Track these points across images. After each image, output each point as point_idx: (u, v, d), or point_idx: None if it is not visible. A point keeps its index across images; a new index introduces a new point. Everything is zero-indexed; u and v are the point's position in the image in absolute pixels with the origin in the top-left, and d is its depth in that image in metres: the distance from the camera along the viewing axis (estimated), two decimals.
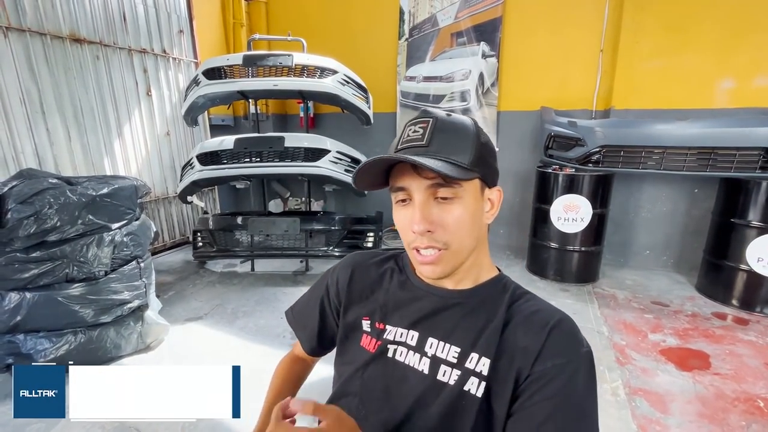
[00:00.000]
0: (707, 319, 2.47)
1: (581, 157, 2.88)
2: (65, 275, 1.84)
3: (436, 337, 0.62)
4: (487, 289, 0.64)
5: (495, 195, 0.63)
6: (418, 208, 0.56)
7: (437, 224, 0.56)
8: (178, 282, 3.05)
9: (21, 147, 2.62)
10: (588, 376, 0.54)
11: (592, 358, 0.56)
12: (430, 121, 0.57)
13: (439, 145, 0.56)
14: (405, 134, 0.59)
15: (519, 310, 0.60)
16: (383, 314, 0.68)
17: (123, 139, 3.30)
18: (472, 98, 3.67)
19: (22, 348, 1.82)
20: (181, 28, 3.74)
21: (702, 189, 3.02)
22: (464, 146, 0.57)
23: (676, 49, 2.89)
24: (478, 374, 0.57)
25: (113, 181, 2.04)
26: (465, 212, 0.57)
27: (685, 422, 1.61)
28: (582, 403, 0.53)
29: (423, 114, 0.59)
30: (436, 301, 0.64)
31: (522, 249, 3.53)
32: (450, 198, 0.56)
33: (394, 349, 0.65)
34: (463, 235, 0.58)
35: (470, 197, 0.57)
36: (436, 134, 0.56)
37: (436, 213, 0.56)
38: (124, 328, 2.02)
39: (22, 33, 2.58)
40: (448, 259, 0.58)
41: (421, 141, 0.56)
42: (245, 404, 1.75)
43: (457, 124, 0.59)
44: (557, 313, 0.59)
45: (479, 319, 0.60)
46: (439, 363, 0.60)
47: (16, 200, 1.72)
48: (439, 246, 0.57)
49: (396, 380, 0.63)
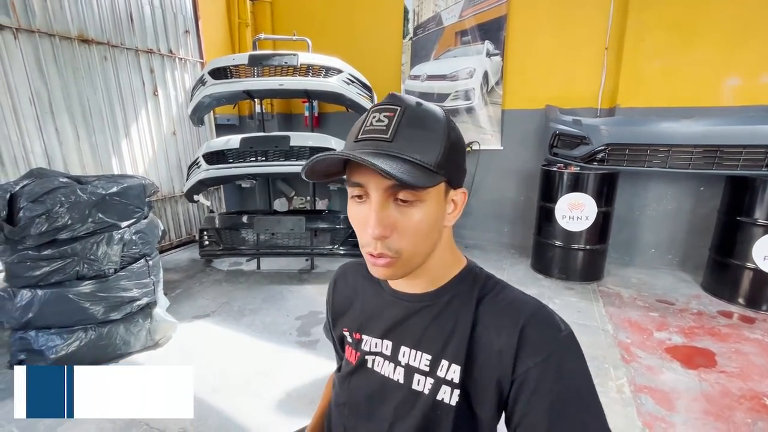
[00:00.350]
0: (713, 317, 2.46)
1: (586, 156, 2.88)
2: (76, 273, 1.87)
3: (408, 345, 0.60)
4: (453, 287, 0.60)
5: (459, 197, 0.57)
6: (375, 211, 0.50)
7: (394, 229, 0.51)
8: (186, 280, 3.08)
9: (31, 146, 2.66)
10: (575, 361, 0.52)
11: (574, 340, 0.53)
12: (397, 110, 0.50)
13: (405, 141, 0.49)
14: (368, 121, 0.52)
15: (487, 308, 0.57)
16: (359, 324, 0.67)
17: (130, 138, 3.34)
18: (477, 97, 3.67)
19: (34, 344, 1.85)
20: (187, 28, 3.77)
21: (708, 187, 3.01)
22: (432, 144, 0.50)
23: (681, 47, 2.87)
24: (449, 382, 0.56)
25: (122, 180, 2.07)
26: (425, 218, 0.51)
27: (690, 419, 1.61)
28: (579, 391, 0.50)
29: (390, 100, 0.52)
30: (405, 306, 0.62)
31: (526, 247, 3.54)
32: (411, 201, 0.50)
33: (372, 360, 0.64)
34: (419, 241, 0.53)
35: (433, 201, 0.52)
36: (402, 129, 0.49)
37: (393, 216, 0.51)
38: (133, 325, 2.05)
39: (31, 34, 2.62)
40: (400, 266, 0.53)
41: (384, 135, 0.49)
42: (255, 401, 1.77)
43: (428, 117, 0.52)
44: (527, 306, 0.56)
45: (447, 323, 0.58)
46: (413, 372, 0.59)
47: (27, 199, 1.75)
48: (391, 254, 0.52)
49: (376, 391, 0.63)
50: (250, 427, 1.58)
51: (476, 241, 4.01)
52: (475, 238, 4.04)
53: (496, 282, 0.61)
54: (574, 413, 0.49)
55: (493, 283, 0.60)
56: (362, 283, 0.70)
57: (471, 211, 4.00)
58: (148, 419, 1.61)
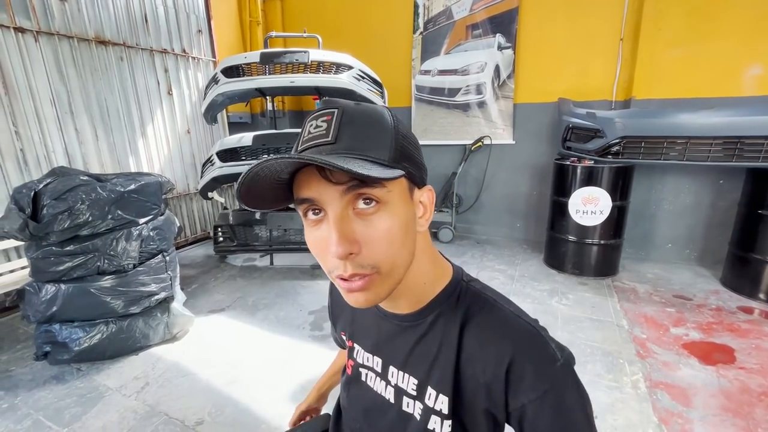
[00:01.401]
0: (732, 313, 2.41)
1: (600, 149, 2.83)
2: (97, 268, 1.93)
3: (396, 366, 0.58)
4: (438, 305, 0.54)
5: (426, 196, 0.51)
6: (334, 226, 0.43)
7: (361, 243, 0.44)
8: (201, 275, 3.14)
9: (52, 146, 2.74)
10: (574, 394, 0.48)
11: (570, 370, 0.49)
12: (334, 112, 0.45)
13: (350, 139, 0.44)
14: (306, 131, 0.47)
15: (472, 333, 0.52)
16: (351, 332, 0.66)
17: (146, 137, 3.41)
18: (488, 91, 3.64)
19: (58, 337, 1.92)
20: (200, 27, 3.82)
21: (728, 180, 2.93)
22: (381, 139, 0.45)
23: (700, 36, 2.79)
24: (439, 413, 0.53)
25: (140, 178, 2.12)
26: (394, 222, 0.45)
27: (708, 416, 1.58)
28: (578, 425, 0.48)
29: (325, 105, 0.47)
30: (389, 326, 0.58)
31: (539, 242, 3.50)
32: (373, 207, 0.44)
33: (365, 374, 0.63)
34: (396, 251, 0.45)
35: (398, 201, 0.45)
36: (344, 128, 0.44)
37: (358, 230, 0.44)
38: (151, 318, 2.10)
39: (51, 37, 2.69)
40: (380, 283, 0.46)
41: (326, 137, 0.44)
42: (270, 392, 1.82)
43: (370, 114, 0.46)
44: (515, 334, 0.50)
45: (432, 345, 0.54)
46: (402, 393, 0.57)
47: (50, 197, 1.81)
48: (366, 271, 0.44)
49: (370, 405, 0.63)
50: (266, 418, 1.61)
51: (489, 236, 3.99)
52: (487, 233, 4.02)
53: (485, 300, 0.54)
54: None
55: (481, 301, 0.54)
56: None
57: (483, 206, 3.98)
58: (167, 409, 1.66)
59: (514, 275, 3.02)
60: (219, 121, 3.97)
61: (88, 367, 1.95)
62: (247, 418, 1.62)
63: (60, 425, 1.58)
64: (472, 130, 3.80)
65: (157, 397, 1.74)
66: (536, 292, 2.72)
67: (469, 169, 3.91)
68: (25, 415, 1.64)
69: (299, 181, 0.45)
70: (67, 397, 1.75)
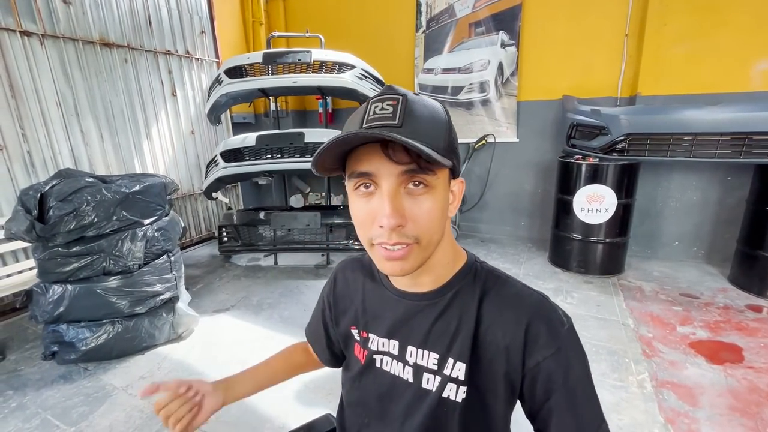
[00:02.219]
0: (740, 311, 2.38)
1: (605, 146, 2.81)
2: (102, 268, 1.95)
3: (414, 345, 0.60)
4: (456, 284, 0.59)
5: (458, 187, 0.56)
6: (388, 200, 0.48)
7: (408, 218, 0.49)
8: (206, 275, 3.17)
9: (58, 148, 2.77)
10: (579, 354, 0.55)
11: (575, 333, 0.56)
12: (399, 99, 0.49)
13: (414, 126, 0.47)
14: (371, 111, 0.49)
15: (490, 304, 0.57)
16: (364, 322, 0.67)
17: (151, 138, 3.43)
18: (492, 89, 3.62)
19: (65, 337, 1.95)
20: (203, 28, 3.84)
21: (735, 176, 2.89)
22: (438, 131, 0.50)
23: (707, 31, 2.76)
24: (455, 379, 0.57)
25: (144, 179, 2.14)
26: (436, 205, 0.51)
27: (715, 415, 1.57)
28: (583, 381, 0.54)
29: (389, 90, 0.51)
30: (408, 305, 0.61)
31: (544, 241, 3.48)
32: (422, 189, 0.49)
33: (380, 359, 0.65)
34: (434, 228, 0.52)
35: (441, 188, 0.52)
36: (409, 115, 0.48)
37: (407, 206, 0.49)
38: (157, 318, 2.12)
39: (56, 39, 2.72)
40: (417, 254, 0.52)
41: (393, 120, 0.47)
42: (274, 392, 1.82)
43: (429, 107, 0.51)
44: (529, 300, 0.57)
45: (452, 321, 0.58)
46: (422, 371, 0.60)
47: (56, 198, 1.83)
48: (410, 241, 0.50)
49: (386, 390, 0.64)
50: (270, 417, 1.62)
51: (492, 235, 3.97)
52: (491, 231, 4.01)
53: (498, 276, 0.60)
54: (581, 402, 0.53)
55: (495, 278, 0.60)
56: (363, 281, 0.69)
57: (487, 204, 3.96)
58: None
59: (518, 274, 3.00)
60: (223, 121, 3.98)
61: (94, 367, 1.97)
62: (251, 418, 1.62)
63: (68, 424, 1.60)
64: (476, 129, 3.78)
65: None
66: (541, 291, 2.71)
67: (472, 168, 3.90)
68: (34, 414, 1.66)
69: (359, 156, 0.50)
70: (75, 396, 1.77)
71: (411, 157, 0.47)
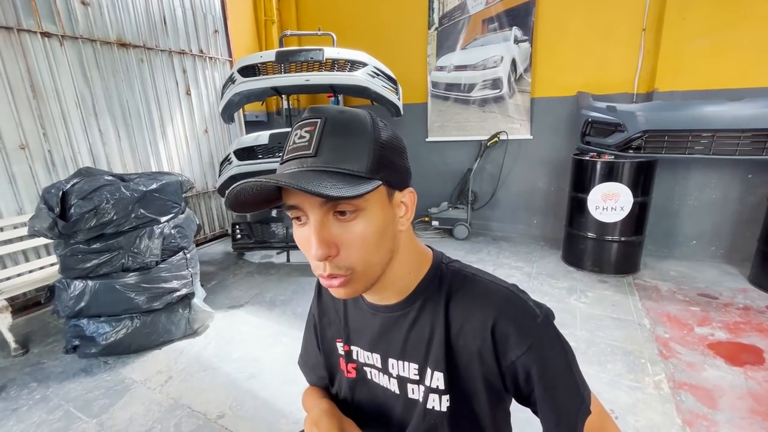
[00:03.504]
0: (761, 312, 2.32)
1: (621, 144, 2.76)
2: (121, 265, 2.00)
3: (394, 357, 0.60)
4: (423, 291, 0.58)
5: (408, 197, 0.54)
6: (314, 232, 0.47)
7: (339, 245, 0.48)
8: (220, 272, 3.21)
9: (78, 147, 2.83)
10: (555, 344, 0.54)
11: (550, 323, 0.54)
12: (317, 122, 0.48)
13: (329, 153, 0.47)
14: (291, 140, 0.49)
15: (457, 307, 0.56)
16: (347, 335, 0.67)
17: (166, 137, 3.49)
18: (505, 86, 3.59)
19: (86, 331, 2.00)
20: (216, 28, 3.88)
21: (757, 174, 2.81)
22: (360, 150, 0.47)
23: (728, 24, 2.68)
24: (436, 389, 0.57)
25: (161, 177, 2.18)
26: (369, 227, 0.48)
27: (735, 418, 1.54)
28: (562, 372, 0.53)
29: (310, 113, 0.50)
30: (382, 318, 0.61)
31: (557, 239, 3.44)
32: (350, 215, 0.47)
33: (369, 371, 0.65)
34: (370, 253, 0.49)
35: (375, 208, 0.49)
36: (325, 139, 0.47)
37: (336, 233, 0.48)
38: (173, 314, 2.16)
39: (75, 41, 2.78)
40: (356, 281, 0.51)
41: (307, 150, 0.47)
42: (288, 387, 1.84)
43: (351, 123, 0.49)
44: (495, 299, 0.54)
45: (424, 329, 0.57)
46: (405, 381, 0.60)
47: (77, 196, 1.87)
48: (342, 273, 0.49)
49: (381, 401, 0.65)
50: (284, 412, 1.64)
51: (504, 233, 3.94)
52: (503, 230, 3.98)
53: (464, 276, 0.58)
54: (561, 392, 0.53)
55: (461, 278, 0.58)
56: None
57: (499, 202, 3.93)
58: (190, 402, 1.71)
59: (531, 272, 2.98)
60: (236, 120, 4.02)
61: (114, 361, 2.02)
62: (266, 412, 1.65)
63: (89, 416, 1.65)
64: (489, 126, 3.75)
65: (180, 390, 1.80)
66: (554, 290, 2.68)
67: (485, 165, 3.87)
68: (57, 406, 1.71)
69: (285, 189, 0.49)
70: (96, 389, 1.82)
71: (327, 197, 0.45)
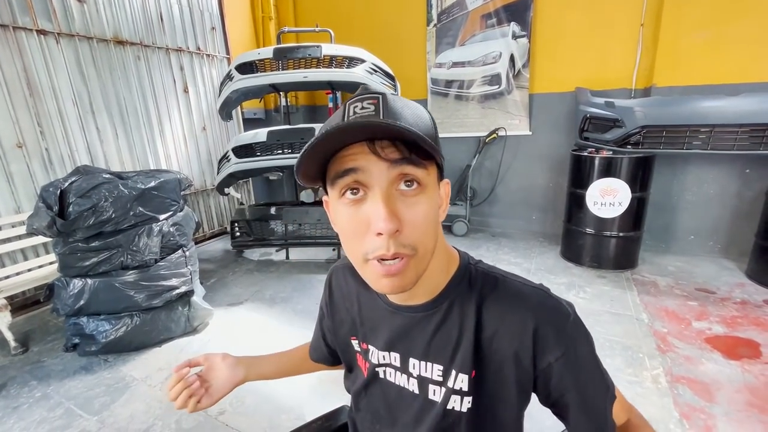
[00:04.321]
0: (759, 306, 2.34)
1: (619, 139, 2.76)
2: (120, 263, 2.00)
3: (416, 357, 0.59)
4: (451, 291, 0.56)
5: (445, 188, 0.52)
6: (383, 202, 0.43)
7: (404, 223, 0.44)
8: (219, 270, 3.21)
9: (75, 145, 2.82)
10: (586, 343, 0.54)
11: (579, 321, 0.54)
12: (379, 97, 0.45)
13: (399, 116, 0.44)
14: (350, 111, 0.45)
15: (491, 310, 0.54)
16: (363, 333, 0.65)
17: (164, 135, 3.48)
18: (503, 81, 3.58)
19: (86, 329, 2.00)
20: (213, 25, 3.86)
21: (755, 169, 2.82)
22: (425, 122, 0.47)
23: (726, 18, 2.68)
24: (458, 391, 0.56)
25: (159, 175, 2.17)
26: (431, 206, 0.47)
27: (732, 411, 1.55)
28: (593, 370, 0.55)
29: (366, 90, 0.47)
30: (404, 317, 0.58)
31: (556, 235, 3.45)
32: (415, 189, 0.45)
33: (383, 371, 0.64)
34: (431, 234, 0.47)
35: (433, 188, 0.47)
36: (391, 109, 0.44)
37: (401, 210, 0.44)
38: (173, 312, 2.16)
39: (71, 38, 2.76)
40: (414, 267, 0.47)
41: (376, 117, 0.43)
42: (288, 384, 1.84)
43: (411, 105, 0.48)
44: (531, 300, 0.54)
45: (452, 331, 0.55)
46: (427, 382, 0.59)
47: (76, 194, 1.87)
48: (407, 252, 0.45)
49: (394, 400, 0.63)
50: (285, 408, 1.65)
51: (504, 229, 3.95)
52: (502, 226, 3.98)
53: (494, 277, 0.57)
54: (592, 391, 0.54)
55: (492, 279, 0.56)
56: (357, 290, 0.66)
57: (498, 198, 3.93)
58: None
59: (530, 268, 2.99)
60: (234, 117, 4.01)
61: (114, 358, 2.02)
62: (267, 409, 1.66)
63: (90, 413, 1.65)
64: (488, 122, 3.75)
65: None
66: (553, 286, 2.69)
67: (483, 162, 3.87)
68: (58, 404, 1.72)
69: (342, 158, 0.45)
70: (96, 386, 1.82)
71: (401, 152, 0.43)
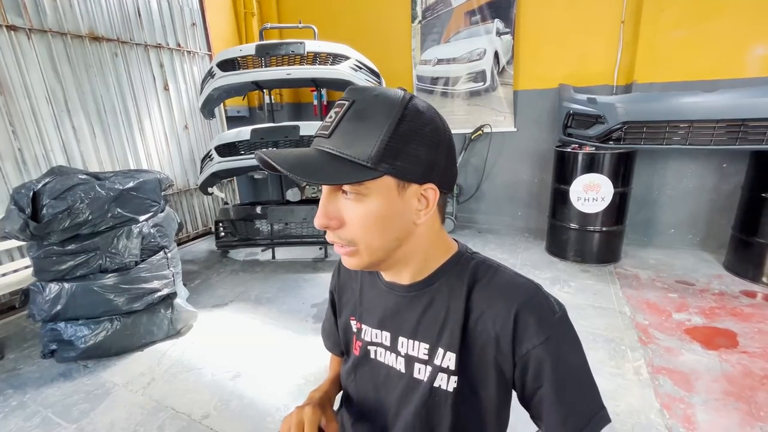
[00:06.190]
0: (735, 297, 2.41)
1: (601, 135, 2.80)
2: (99, 266, 1.94)
3: (405, 336, 0.61)
4: (442, 275, 0.59)
5: (430, 193, 0.53)
6: (321, 202, 0.53)
7: (337, 220, 0.52)
8: (203, 271, 3.16)
9: (50, 145, 2.73)
10: (570, 341, 0.55)
11: (567, 320, 0.56)
12: (345, 105, 0.50)
13: (340, 137, 0.49)
14: (327, 116, 0.53)
15: (480, 294, 0.57)
16: (360, 313, 0.68)
17: (144, 133, 3.39)
18: (488, 78, 3.59)
19: (64, 335, 1.94)
20: (194, 20, 3.77)
21: (731, 163, 2.90)
22: (368, 139, 0.48)
23: (704, 16, 2.73)
24: (446, 369, 0.57)
25: (138, 175, 2.12)
26: (370, 212, 0.50)
27: (710, 400, 1.59)
28: (575, 370, 0.54)
29: (346, 94, 0.52)
30: (396, 297, 0.62)
31: (541, 230, 3.49)
32: (352, 196, 0.50)
33: (374, 350, 0.66)
34: (371, 236, 0.52)
35: (379, 196, 0.50)
36: (343, 123, 0.50)
37: (339, 207, 0.52)
38: (155, 315, 2.12)
39: (44, 34, 2.66)
40: (361, 256, 0.54)
41: (326, 131, 0.50)
42: (274, 385, 1.83)
43: (373, 108, 0.49)
44: (520, 289, 0.56)
45: (440, 311, 0.58)
46: (413, 361, 0.61)
47: (50, 196, 1.81)
48: (343, 243, 0.53)
49: (381, 380, 0.66)
50: (270, 411, 1.63)
51: (490, 226, 3.98)
52: (488, 222, 4.01)
53: (489, 266, 0.60)
54: (571, 392, 0.53)
55: (486, 267, 0.60)
56: (361, 272, 0.70)
57: (484, 195, 3.96)
58: (174, 404, 1.68)
59: (516, 264, 3.02)
60: (217, 115, 3.93)
61: (94, 364, 1.97)
62: (252, 411, 1.63)
63: (69, 421, 1.61)
64: (474, 119, 3.76)
65: (163, 392, 1.76)
66: (539, 281, 2.65)
67: (469, 158, 3.89)
68: (35, 413, 1.66)
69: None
70: (75, 393, 1.77)
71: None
